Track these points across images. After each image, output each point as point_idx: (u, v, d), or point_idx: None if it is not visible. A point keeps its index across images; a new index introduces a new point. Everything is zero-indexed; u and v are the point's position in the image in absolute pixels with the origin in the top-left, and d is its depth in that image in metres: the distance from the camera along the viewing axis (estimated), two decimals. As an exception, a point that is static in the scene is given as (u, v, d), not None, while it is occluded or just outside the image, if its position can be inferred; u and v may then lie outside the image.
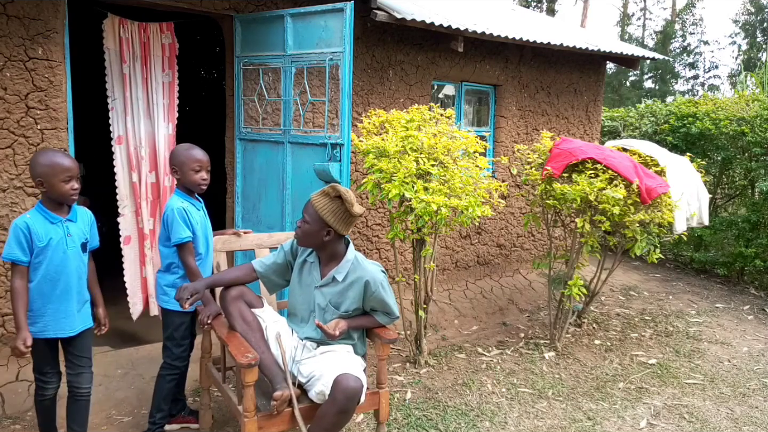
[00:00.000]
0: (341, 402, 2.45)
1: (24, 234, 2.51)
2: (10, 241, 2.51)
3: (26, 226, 2.52)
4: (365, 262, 2.77)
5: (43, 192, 2.57)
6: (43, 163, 2.52)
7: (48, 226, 2.56)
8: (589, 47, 5.94)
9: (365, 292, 2.72)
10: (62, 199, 2.59)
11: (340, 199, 2.65)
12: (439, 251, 5.46)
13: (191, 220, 2.94)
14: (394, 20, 4.40)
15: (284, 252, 2.87)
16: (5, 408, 3.32)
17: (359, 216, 2.69)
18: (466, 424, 3.45)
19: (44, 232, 2.55)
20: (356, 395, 2.47)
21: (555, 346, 4.60)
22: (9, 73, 3.38)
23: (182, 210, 2.91)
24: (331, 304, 2.75)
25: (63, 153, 2.67)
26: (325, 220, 2.63)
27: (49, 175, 2.51)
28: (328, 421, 2.50)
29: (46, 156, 2.57)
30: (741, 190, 7.22)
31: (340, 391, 2.44)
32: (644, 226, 4.35)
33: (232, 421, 3.33)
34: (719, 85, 25.17)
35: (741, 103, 6.81)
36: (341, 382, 2.45)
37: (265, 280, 2.89)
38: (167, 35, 4.22)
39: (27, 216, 2.56)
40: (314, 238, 2.69)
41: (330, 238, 2.68)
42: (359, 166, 4.71)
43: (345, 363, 2.62)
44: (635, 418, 3.64)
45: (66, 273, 2.62)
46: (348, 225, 2.69)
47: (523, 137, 6.12)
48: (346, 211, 2.64)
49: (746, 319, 5.56)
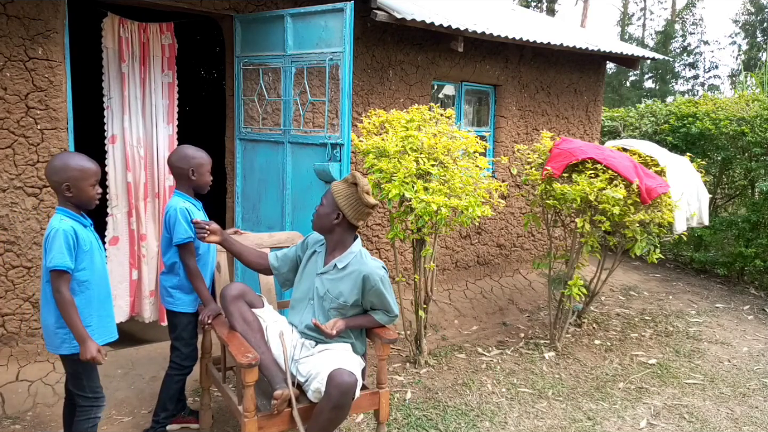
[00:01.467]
0: (335, 397, 2.46)
1: (73, 240, 2.39)
2: (59, 248, 2.34)
3: (73, 231, 2.40)
4: (368, 258, 2.81)
5: (68, 197, 2.43)
6: (73, 167, 2.42)
7: (83, 230, 2.48)
8: (589, 47, 5.94)
9: (364, 287, 2.74)
10: (87, 204, 2.49)
11: (356, 186, 2.75)
12: (439, 251, 5.46)
13: None
14: (394, 20, 4.40)
15: (296, 247, 2.98)
16: (5, 408, 3.32)
17: (370, 207, 2.76)
18: (466, 424, 3.45)
19: (86, 237, 2.47)
20: (350, 390, 2.47)
21: (555, 346, 4.60)
22: (9, 73, 3.38)
23: (185, 210, 2.93)
24: (329, 292, 2.78)
25: (86, 157, 2.54)
26: (338, 203, 2.74)
27: (79, 179, 2.42)
28: (324, 418, 2.51)
29: (74, 159, 2.46)
30: (741, 190, 7.22)
31: (334, 386, 2.46)
32: (644, 226, 4.35)
33: (232, 421, 3.33)
34: (719, 85, 25.19)
35: (741, 103, 6.81)
36: (335, 378, 2.47)
37: (277, 273, 3.00)
38: (167, 36, 4.22)
39: (64, 221, 2.41)
40: (325, 220, 2.79)
41: (338, 222, 2.76)
42: (359, 166, 4.71)
43: (341, 360, 2.62)
44: (635, 418, 3.64)
45: (105, 276, 2.58)
46: (358, 213, 2.76)
47: (523, 137, 6.12)
48: (358, 198, 2.73)
49: (746, 319, 5.56)
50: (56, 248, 2.34)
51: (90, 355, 2.38)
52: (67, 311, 2.36)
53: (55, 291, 2.36)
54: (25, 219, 3.51)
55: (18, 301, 3.55)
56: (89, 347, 2.38)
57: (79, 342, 2.39)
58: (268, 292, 3.18)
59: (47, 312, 2.46)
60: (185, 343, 3.06)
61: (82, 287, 2.45)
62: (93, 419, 2.55)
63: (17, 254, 3.52)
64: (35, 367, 3.57)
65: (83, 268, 2.44)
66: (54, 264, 2.33)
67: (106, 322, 2.58)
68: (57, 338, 2.45)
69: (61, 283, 2.35)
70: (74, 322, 2.37)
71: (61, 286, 2.35)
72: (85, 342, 2.38)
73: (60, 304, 2.36)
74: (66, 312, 2.36)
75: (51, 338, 2.47)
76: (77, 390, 2.52)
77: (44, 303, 2.47)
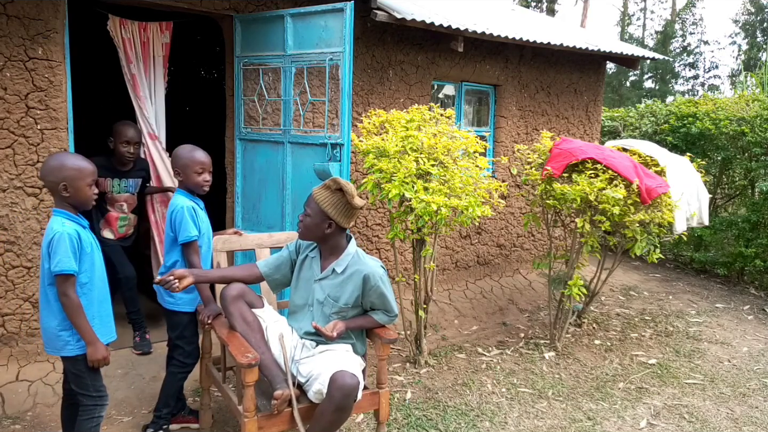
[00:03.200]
0: (338, 399, 2.45)
1: (77, 242, 2.39)
2: (64, 251, 2.33)
3: (76, 234, 2.39)
4: (366, 257, 2.80)
5: (65, 197, 2.41)
6: (70, 167, 2.40)
7: (84, 232, 2.47)
8: (589, 47, 5.94)
9: (364, 287, 2.73)
10: (84, 204, 2.47)
11: (341, 192, 2.70)
12: (439, 251, 5.46)
13: (198, 218, 2.99)
14: (394, 20, 4.40)
15: (289, 251, 2.92)
16: (5, 408, 3.32)
17: (360, 208, 2.73)
18: (466, 424, 3.45)
19: (87, 239, 2.46)
20: (353, 392, 2.48)
21: (555, 346, 4.60)
22: (9, 73, 3.38)
23: (191, 209, 2.96)
24: (330, 297, 2.76)
25: (82, 156, 2.53)
26: (327, 212, 2.68)
27: (77, 179, 2.41)
28: (326, 420, 2.50)
29: (70, 159, 2.44)
30: (741, 190, 7.22)
31: (337, 388, 2.45)
32: (644, 226, 4.35)
33: (232, 420, 3.33)
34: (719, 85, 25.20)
35: (741, 103, 6.80)
36: (337, 380, 2.46)
37: (270, 280, 2.92)
38: (166, 35, 4.22)
39: (66, 224, 2.40)
40: (316, 231, 2.73)
41: (331, 230, 2.72)
42: (359, 166, 4.71)
43: (343, 362, 2.62)
44: (635, 418, 3.64)
45: (104, 277, 2.58)
46: (349, 218, 2.73)
47: (523, 137, 6.12)
48: (348, 203, 2.69)
49: (746, 319, 5.56)
50: (62, 252, 2.33)
51: (101, 356, 2.40)
52: (75, 314, 2.36)
53: (61, 295, 2.35)
54: (25, 219, 3.51)
55: (18, 301, 3.55)
56: (99, 349, 2.40)
57: (89, 344, 2.40)
58: (268, 293, 3.18)
59: (48, 315, 2.45)
60: (188, 341, 3.08)
61: (84, 289, 2.45)
62: (96, 418, 2.55)
63: (17, 254, 3.52)
64: (35, 367, 3.57)
65: (85, 270, 2.44)
66: (61, 268, 2.32)
67: (106, 323, 2.58)
68: (60, 341, 2.44)
69: (68, 286, 2.35)
70: (83, 324, 2.38)
71: (68, 290, 2.35)
72: (95, 344, 2.40)
73: (68, 307, 2.36)
74: (74, 315, 2.36)
75: (53, 341, 2.46)
76: (81, 390, 2.52)
77: (44, 306, 2.46)
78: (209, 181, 3.04)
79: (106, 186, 3.91)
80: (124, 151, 3.88)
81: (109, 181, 3.93)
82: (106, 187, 3.90)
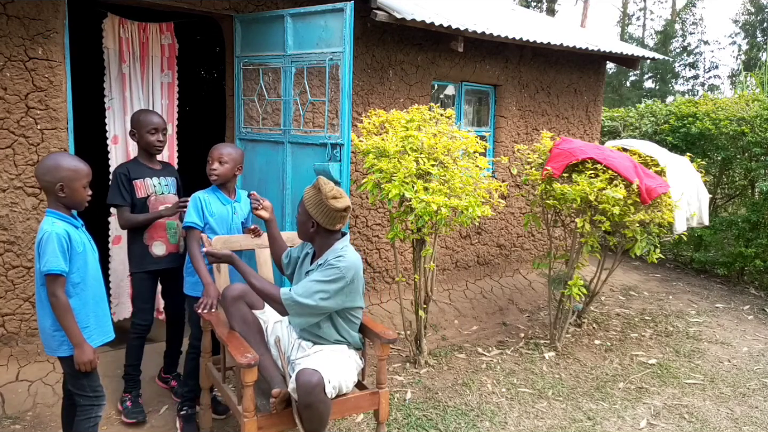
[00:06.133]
0: (302, 397, 2.46)
1: (67, 242, 2.37)
2: (52, 251, 2.32)
3: (66, 234, 2.38)
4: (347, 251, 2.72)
5: (60, 197, 2.41)
6: (66, 167, 2.40)
7: (75, 232, 2.46)
8: (589, 47, 5.94)
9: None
10: (79, 205, 2.47)
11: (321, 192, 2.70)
12: (439, 251, 5.46)
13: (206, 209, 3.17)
14: (394, 20, 4.40)
15: (297, 248, 3.01)
16: (5, 408, 3.32)
17: (340, 210, 2.66)
18: (466, 424, 3.45)
19: (78, 238, 2.45)
20: (313, 388, 2.43)
21: (555, 346, 4.60)
22: (9, 73, 3.38)
23: (198, 198, 3.18)
24: None
25: (78, 157, 2.52)
26: (309, 211, 2.71)
27: (73, 180, 2.40)
28: (304, 417, 2.52)
29: (66, 160, 2.44)
30: (741, 190, 7.22)
31: (299, 386, 2.46)
32: (644, 226, 4.35)
33: (232, 420, 3.33)
34: (719, 85, 25.20)
35: (741, 103, 6.81)
36: (298, 378, 2.46)
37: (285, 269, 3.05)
38: (167, 36, 4.22)
39: (56, 224, 2.38)
40: (302, 229, 2.79)
41: (315, 230, 2.73)
42: (359, 166, 4.71)
43: (335, 360, 2.63)
44: (635, 418, 3.64)
45: (99, 276, 2.57)
46: (331, 219, 2.67)
47: (523, 137, 6.12)
48: (326, 205, 2.65)
49: (746, 319, 5.56)
50: (50, 252, 2.33)
51: (87, 358, 2.39)
52: (63, 315, 2.35)
53: (50, 295, 2.35)
54: (25, 219, 3.51)
55: (18, 301, 3.55)
56: (85, 351, 2.39)
57: (75, 346, 2.39)
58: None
59: (43, 315, 2.45)
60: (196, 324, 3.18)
61: (77, 289, 2.44)
62: (94, 418, 2.55)
63: (17, 254, 3.52)
64: (35, 367, 3.57)
65: (77, 270, 2.43)
66: (48, 268, 2.32)
67: (103, 323, 2.58)
68: (54, 341, 2.44)
69: (57, 286, 2.34)
70: (70, 325, 2.37)
71: (57, 290, 2.34)
72: (81, 346, 2.38)
73: (56, 307, 2.36)
74: (62, 315, 2.36)
75: (48, 341, 2.46)
76: (78, 390, 2.52)
77: (40, 306, 2.46)
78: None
79: (148, 188, 3.39)
80: (153, 140, 3.38)
81: (148, 181, 3.40)
82: (147, 190, 3.40)
